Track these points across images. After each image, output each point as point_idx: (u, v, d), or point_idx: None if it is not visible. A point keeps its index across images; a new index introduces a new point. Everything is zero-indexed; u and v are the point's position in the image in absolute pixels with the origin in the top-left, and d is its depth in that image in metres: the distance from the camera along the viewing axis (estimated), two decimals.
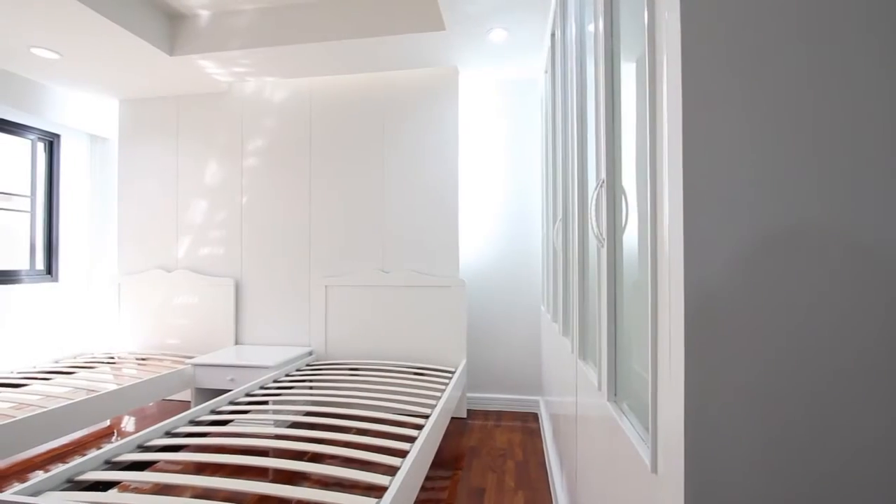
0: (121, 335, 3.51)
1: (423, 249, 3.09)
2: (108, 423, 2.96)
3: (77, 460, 1.45)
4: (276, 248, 3.30)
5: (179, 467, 2.20)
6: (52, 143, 3.72)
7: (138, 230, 3.57)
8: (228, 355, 2.94)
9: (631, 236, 0.90)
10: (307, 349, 3.13)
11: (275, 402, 2.35)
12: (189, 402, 3.37)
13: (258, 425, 2.40)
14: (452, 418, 3.01)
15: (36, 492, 1.28)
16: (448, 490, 2.10)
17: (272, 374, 2.59)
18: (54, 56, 2.90)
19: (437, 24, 2.58)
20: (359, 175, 3.19)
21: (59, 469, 1.38)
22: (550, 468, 2.14)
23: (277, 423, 2.47)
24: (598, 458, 1.06)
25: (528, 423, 2.96)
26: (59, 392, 2.46)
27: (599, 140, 1.04)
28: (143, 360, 3.16)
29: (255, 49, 2.79)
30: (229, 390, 2.92)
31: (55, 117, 3.48)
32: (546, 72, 2.56)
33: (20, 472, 2.30)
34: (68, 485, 1.37)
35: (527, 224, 3.21)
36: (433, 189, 3.09)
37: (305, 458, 2.19)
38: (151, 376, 2.70)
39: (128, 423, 2.97)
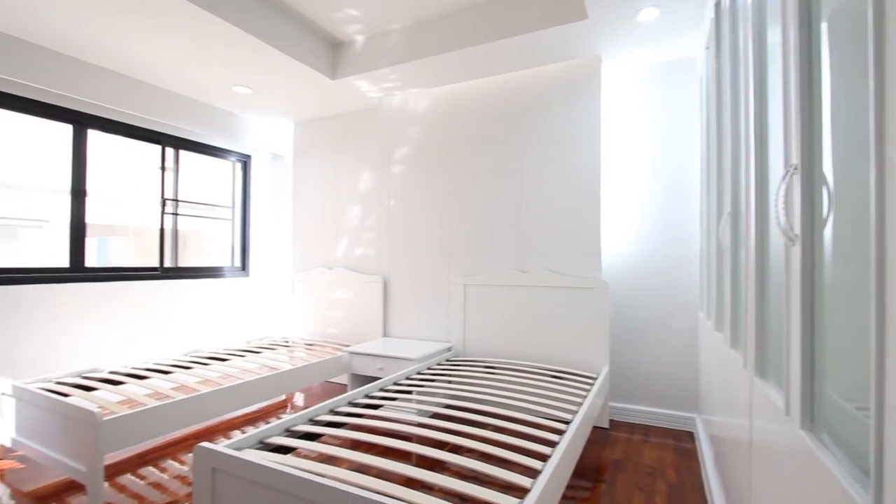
0: (293, 323, 4.10)
1: (562, 249, 3.00)
2: (283, 397, 3.48)
3: (263, 426, 1.72)
4: (419, 248, 3.52)
5: (339, 441, 2.49)
6: (245, 163, 4.52)
7: (307, 233, 4.13)
8: (377, 346, 3.22)
9: (828, 232, 0.74)
10: (447, 345, 3.27)
11: (418, 393, 2.50)
12: (346, 385, 3.79)
13: (404, 412, 2.58)
14: (594, 427, 2.86)
15: (238, 447, 1.56)
16: (589, 502, 1.99)
17: (416, 367, 2.76)
18: (248, 91, 3.52)
19: (578, 13, 2.47)
20: (497, 175, 3.22)
21: (252, 432, 1.66)
22: (712, 497, 1.88)
23: (420, 413, 2.63)
24: (786, 497, 0.90)
25: (681, 441, 2.66)
26: (250, 367, 2.98)
27: (789, 119, 0.88)
28: (311, 345, 3.65)
29: (401, 65, 3.02)
30: (378, 378, 3.20)
31: (248, 141, 4.23)
32: (708, 48, 2.27)
33: (224, 430, 2.84)
34: (260, 445, 1.64)
35: (680, 221, 2.89)
36: (573, 186, 2.97)
37: (446, 449, 2.29)
38: (317, 360, 3.10)
39: (298, 399, 3.45)
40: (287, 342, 3.75)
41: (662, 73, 2.95)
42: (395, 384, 2.49)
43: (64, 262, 3.17)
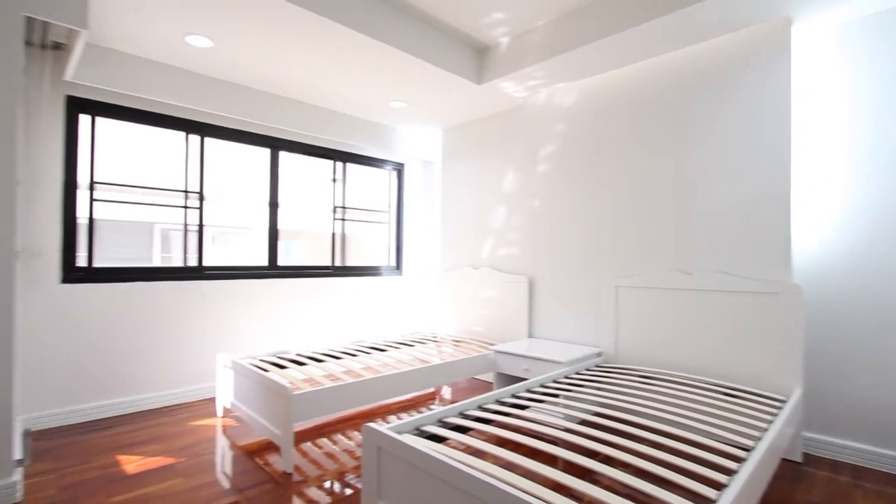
0: (441, 319, 4.33)
1: (737, 248, 2.60)
2: (432, 389, 3.68)
3: (416, 415, 1.84)
4: (566, 247, 3.40)
5: (485, 437, 2.54)
6: (399, 170, 4.93)
7: (455, 234, 4.33)
8: (523, 347, 3.20)
9: None
10: (596, 350, 3.10)
11: (565, 397, 2.42)
12: (491, 383, 3.86)
13: (550, 415, 2.52)
14: (782, 459, 2.41)
15: (399, 431, 1.70)
16: None
17: (563, 370, 2.67)
18: (403, 105, 3.83)
19: None
20: (652, 166, 2.95)
21: (409, 419, 1.79)
22: None
23: (567, 418, 2.53)
24: None
25: None
26: (404, 359, 3.23)
27: None
28: (458, 342, 3.80)
29: (547, 60, 2.96)
30: (523, 378, 3.18)
31: (402, 151, 4.61)
32: None
33: (382, 413, 3.13)
34: (416, 431, 1.76)
35: None
36: (752, 174, 2.55)
37: (597, 459, 2.16)
38: (464, 357, 3.21)
39: (445, 392, 3.62)
40: (435, 338, 3.97)
41: (867, 29, 2.35)
42: (542, 386, 2.45)
43: (263, 261, 3.86)
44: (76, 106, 2.93)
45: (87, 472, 2.23)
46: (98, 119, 3.03)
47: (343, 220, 4.43)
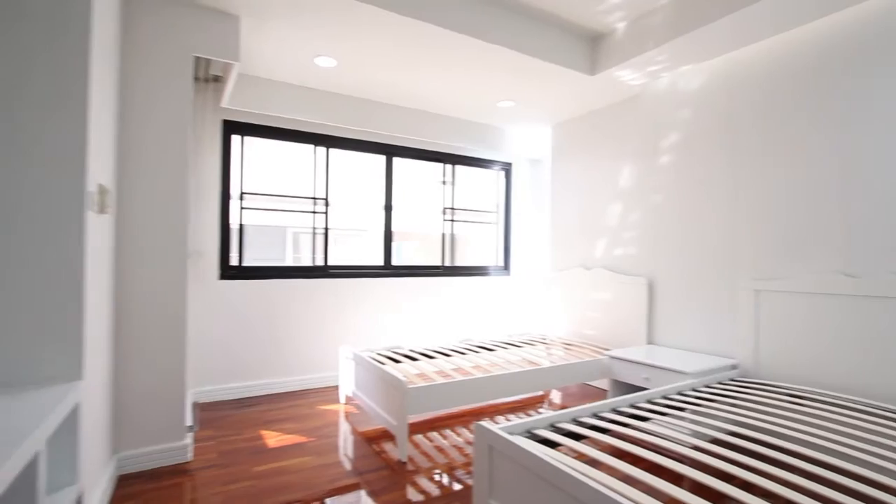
0: (551, 321, 4.21)
1: None
2: (541, 392, 3.59)
3: (525, 418, 1.81)
4: (693, 246, 3.08)
5: (600, 446, 2.40)
6: (507, 170, 4.91)
7: (565, 233, 4.18)
8: (642, 353, 2.97)
9: None
10: (730, 361, 2.75)
11: (693, 412, 2.19)
12: (603, 390, 3.65)
13: (675, 430, 2.30)
14: None
15: (511, 432, 1.68)
16: None
17: (690, 382, 2.42)
18: (511, 104, 3.81)
19: None
20: (801, 153, 2.53)
21: (519, 421, 1.77)
22: None
23: (695, 434, 2.29)
24: None
25: None
26: (513, 360, 3.20)
27: None
28: (568, 345, 3.66)
29: (671, 42, 2.70)
30: (642, 388, 2.95)
31: (509, 150, 4.58)
32: None
33: (490, 413, 3.13)
34: (528, 434, 1.73)
35: None
36: None
37: (733, 483, 1.91)
38: (576, 361, 3.08)
39: (555, 397, 3.51)
40: (545, 339, 3.87)
41: None
42: (665, 398, 2.24)
43: (377, 261, 4.12)
44: (230, 128, 3.43)
45: (238, 441, 2.59)
46: (246, 138, 3.51)
47: (452, 220, 4.54)
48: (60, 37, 1.49)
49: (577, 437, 1.80)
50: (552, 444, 1.73)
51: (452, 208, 4.54)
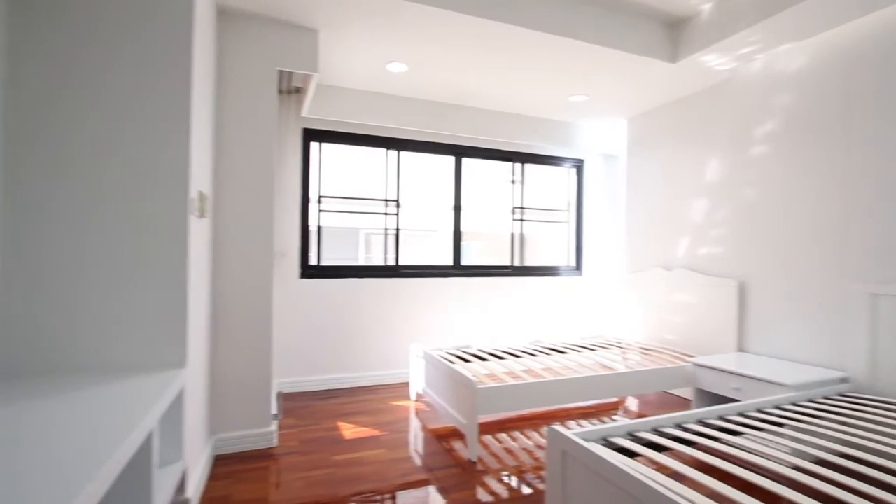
0: (626, 324, 4.00)
1: None
2: (615, 399, 3.43)
3: (599, 424, 1.73)
4: (793, 244, 2.78)
5: (684, 459, 2.24)
6: (579, 167, 4.74)
7: (642, 232, 3.96)
8: (731, 362, 2.73)
9: None
10: (838, 374, 2.45)
11: (793, 428, 1.97)
12: (685, 399, 3.40)
13: (771, 447, 2.09)
14: None
15: (586, 439, 1.62)
16: None
17: (789, 395, 2.18)
18: (584, 98, 3.67)
19: None
20: None
21: (594, 427, 1.69)
22: None
23: (796, 453, 2.06)
24: None
25: None
26: (586, 363, 3.08)
27: None
28: (646, 350, 3.46)
29: (767, 20, 2.45)
30: (732, 399, 2.72)
31: (581, 146, 4.43)
32: None
33: (561, 417, 3.04)
34: (604, 442, 1.66)
35: None
36: None
37: None
38: (655, 367, 2.90)
39: (631, 404, 3.33)
40: (620, 343, 3.69)
41: None
42: (760, 411, 2.04)
43: (446, 261, 4.16)
44: (308, 136, 3.64)
45: (317, 431, 2.74)
46: (323, 144, 3.71)
47: (521, 220, 4.48)
48: (171, 68, 1.67)
49: (658, 447, 1.69)
50: (630, 454, 1.64)
51: (522, 207, 4.48)
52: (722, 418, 1.94)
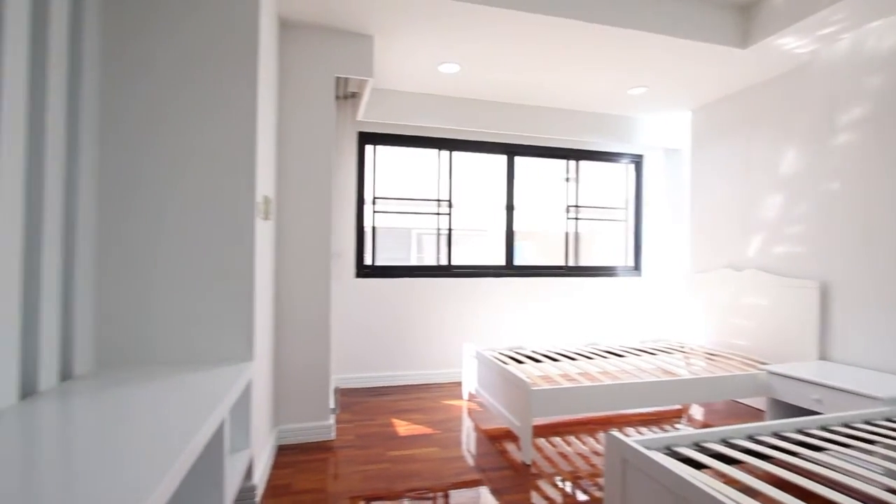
0: (690, 327, 3.78)
1: None
2: (678, 406, 3.25)
3: (661, 432, 1.64)
4: (883, 242, 2.51)
5: (758, 474, 2.08)
6: (637, 163, 4.54)
7: (708, 230, 3.73)
8: (812, 371, 2.51)
9: None
10: None
11: (886, 446, 1.78)
12: (758, 410, 3.16)
13: (860, 466, 1.89)
14: None
15: (647, 447, 1.55)
16: None
17: (882, 410, 1.97)
18: (643, 90, 3.51)
19: None
20: None
21: (657, 435, 1.61)
22: None
23: (889, 473, 1.85)
24: None
25: None
26: (646, 368, 2.94)
27: None
28: (712, 355, 3.25)
29: None
30: (812, 411, 2.50)
31: (640, 141, 4.23)
32: None
33: (619, 423, 2.92)
34: (667, 451, 1.57)
35: None
36: None
37: None
38: (723, 374, 2.72)
39: (695, 413, 3.14)
40: (683, 347, 3.49)
41: None
42: (846, 426, 1.86)
43: (498, 260, 4.13)
44: (363, 139, 3.74)
45: (373, 427, 2.81)
46: (377, 147, 3.80)
47: (576, 219, 4.36)
48: (240, 80, 1.78)
49: (727, 459, 1.58)
50: (696, 465, 1.55)
51: (577, 206, 4.36)
52: (801, 432, 1.79)
